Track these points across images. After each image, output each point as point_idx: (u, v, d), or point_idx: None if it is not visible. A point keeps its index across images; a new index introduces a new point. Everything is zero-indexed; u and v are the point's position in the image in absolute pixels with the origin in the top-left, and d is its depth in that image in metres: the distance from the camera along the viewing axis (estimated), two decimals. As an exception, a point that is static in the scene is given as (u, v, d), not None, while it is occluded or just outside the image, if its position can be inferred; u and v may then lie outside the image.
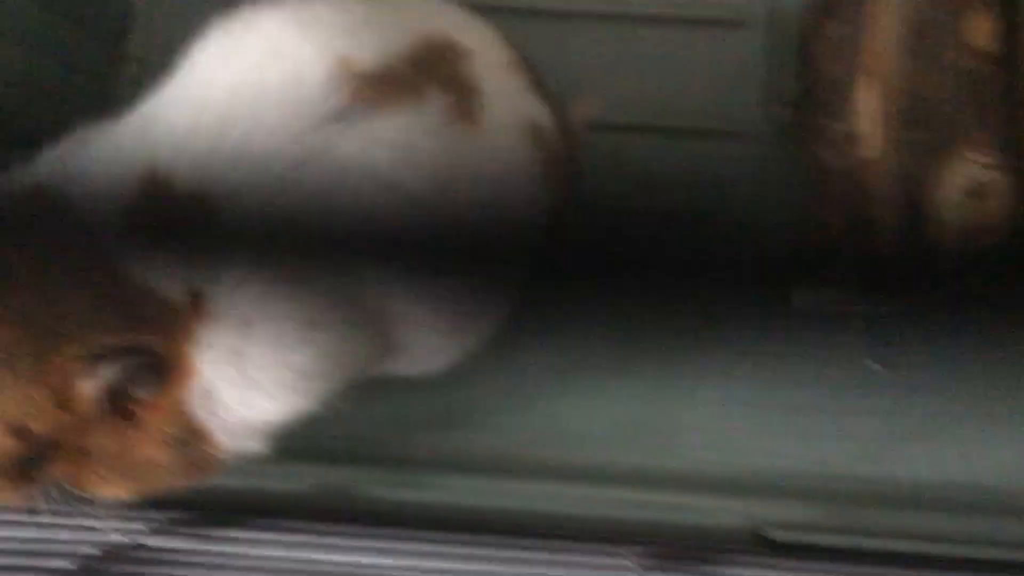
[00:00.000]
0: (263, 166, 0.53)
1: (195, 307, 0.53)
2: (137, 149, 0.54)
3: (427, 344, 0.61)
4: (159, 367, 0.53)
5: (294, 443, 0.60)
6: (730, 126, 0.82)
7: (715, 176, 0.81)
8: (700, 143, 0.82)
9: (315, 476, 0.73)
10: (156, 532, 0.61)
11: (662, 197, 0.81)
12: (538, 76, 0.65)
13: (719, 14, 0.85)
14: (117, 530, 0.59)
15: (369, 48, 0.55)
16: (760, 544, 0.72)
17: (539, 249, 0.64)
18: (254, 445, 0.57)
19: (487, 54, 0.60)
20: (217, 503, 0.66)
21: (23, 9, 0.75)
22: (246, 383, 0.54)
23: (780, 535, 0.71)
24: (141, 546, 0.59)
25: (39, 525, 0.58)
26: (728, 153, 0.82)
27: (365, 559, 0.60)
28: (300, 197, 0.53)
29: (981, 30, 0.72)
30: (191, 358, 0.53)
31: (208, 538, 0.61)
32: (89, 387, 0.51)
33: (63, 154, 0.56)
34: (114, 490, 0.57)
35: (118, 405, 0.53)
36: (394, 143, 0.54)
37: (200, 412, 0.54)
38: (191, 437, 0.55)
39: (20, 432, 0.52)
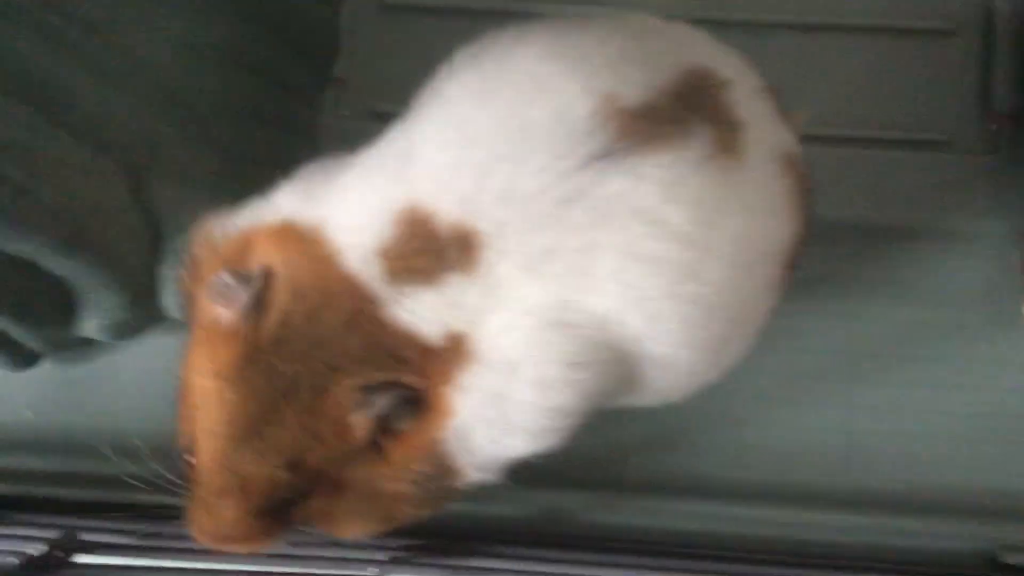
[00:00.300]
0: (529, 204, 0.53)
1: (454, 350, 0.54)
2: (393, 185, 0.55)
3: (673, 381, 0.60)
4: (417, 404, 0.55)
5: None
6: (943, 137, 0.80)
7: (928, 188, 0.79)
8: (913, 155, 0.79)
9: (535, 501, 0.75)
10: (395, 562, 0.64)
11: (874, 210, 0.79)
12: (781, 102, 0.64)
13: (932, 24, 0.83)
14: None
15: (633, 82, 0.55)
16: (995, 569, 0.70)
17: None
18: (496, 477, 0.58)
19: (743, 83, 0.59)
20: (443, 530, 0.69)
21: (250, 37, 0.79)
22: (505, 424, 0.55)
23: (1015, 559, 0.69)
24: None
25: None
26: (941, 165, 0.79)
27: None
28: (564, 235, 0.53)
29: None
30: (448, 399, 0.54)
31: (446, 568, 0.63)
32: (362, 418, 0.54)
33: (308, 188, 0.59)
34: (357, 528, 0.59)
35: (380, 437, 0.55)
36: (661, 180, 0.53)
37: (453, 450, 0.55)
38: (438, 473, 0.56)
39: (294, 465, 0.55)
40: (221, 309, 0.55)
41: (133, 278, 0.70)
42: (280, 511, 0.57)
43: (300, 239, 0.56)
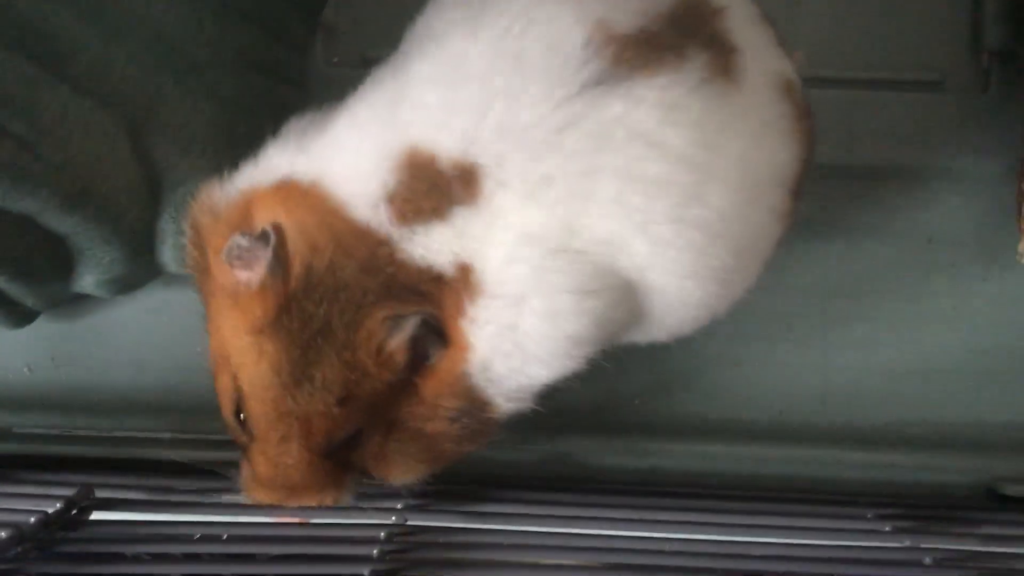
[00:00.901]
0: (527, 134, 0.53)
1: (464, 281, 0.55)
2: (388, 131, 0.56)
3: (681, 314, 0.60)
4: (442, 335, 0.56)
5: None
6: (934, 76, 0.80)
7: (920, 128, 0.79)
8: (904, 94, 0.80)
9: (542, 446, 0.76)
10: (411, 509, 0.64)
11: (865, 150, 0.80)
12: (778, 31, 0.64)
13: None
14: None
15: (626, 9, 0.55)
16: (993, 500, 0.72)
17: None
18: (527, 406, 0.58)
19: (739, 9, 0.59)
20: (455, 477, 0.69)
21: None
22: (522, 355, 0.55)
23: (1014, 490, 0.71)
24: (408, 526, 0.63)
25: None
26: (933, 104, 0.80)
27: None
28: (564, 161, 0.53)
29: None
30: (465, 333, 0.55)
31: (460, 513, 0.64)
32: (398, 341, 0.55)
33: (299, 143, 0.59)
34: (409, 470, 0.60)
35: (413, 375, 0.56)
36: (659, 102, 0.53)
37: (479, 382, 0.56)
38: (471, 407, 0.57)
39: (346, 400, 0.56)
40: (241, 271, 0.56)
41: (132, 233, 0.69)
42: (339, 456, 0.58)
43: (302, 196, 0.56)
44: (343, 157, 0.56)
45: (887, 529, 0.63)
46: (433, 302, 0.55)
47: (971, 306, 0.78)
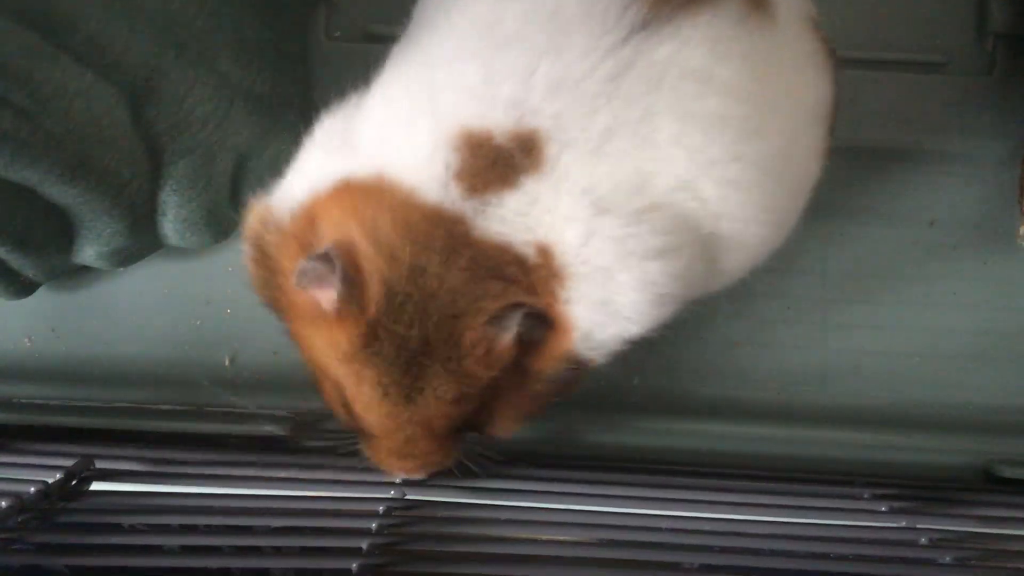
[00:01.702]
0: (580, 88, 0.53)
1: (547, 266, 0.54)
2: (435, 119, 0.55)
3: (742, 258, 0.61)
4: (543, 319, 0.55)
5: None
6: (939, 58, 0.80)
7: (924, 110, 0.79)
8: (909, 76, 0.80)
9: (543, 423, 0.76)
10: (411, 483, 0.64)
11: (869, 131, 0.79)
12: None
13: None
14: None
15: None
16: (990, 481, 0.73)
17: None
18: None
19: None
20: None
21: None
22: (618, 321, 0.55)
23: (1012, 472, 0.71)
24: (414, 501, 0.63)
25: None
26: (937, 86, 0.79)
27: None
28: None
29: None
30: (564, 316, 0.55)
31: (460, 488, 0.64)
32: (504, 342, 0.55)
33: (344, 141, 0.58)
34: (512, 426, 0.61)
35: (522, 352, 0.56)
36: (705, 38, 0.54)
37: (580, 351, 0.56)
38: (572, 368, 0.57)
39: (460, 400, 0.56)
40: (317, 292, 0.55)
41: (132, 205, 0.69)
42: (458, 428, 0.60)
43: (367, 194, 0.55)
44: (399, 149, 0.55)
45: (884, 509, 0.64)
46: (523, 287, 0.54)
47: (971, 289, 0.78)
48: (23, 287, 0.75)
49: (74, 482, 0.62)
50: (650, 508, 0.62)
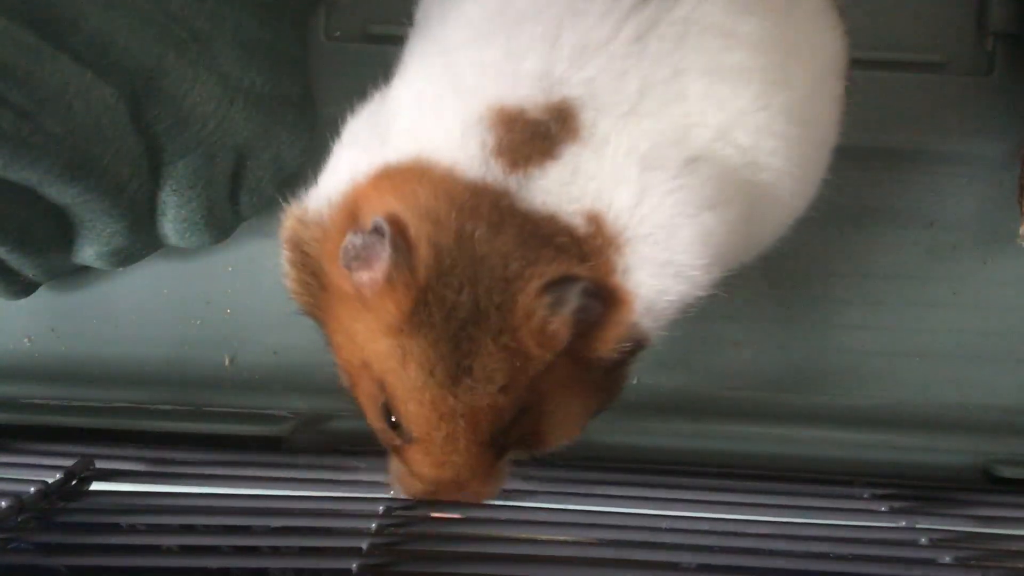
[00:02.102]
0: (606, 51, 0.52)
1: (600, 234, 0.53)
2: (462, 101, 0.54)
3: (777, 217, 0.60)
4: (600, 296, 0.53)
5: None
6: (939, 58, 0.80)
7: (923, 110, 0.79)
8: (908, 76, 0.80)
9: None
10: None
11: (869, 131, 0.79)
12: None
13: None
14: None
15: None
16: (990, 481, 0.73)
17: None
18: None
19: None
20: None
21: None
22: (680, 283, 0.54)
23: (1011, 472, 0.71)
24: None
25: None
26: (937, 86, 0.79)
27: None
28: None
29: None
30: (623, 286, 0.53)
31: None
32: (562, 318, 0.52)
33: (376, 134, 0.57)
34: (565, 435, 0.57)
35: (577, 336, 0.53)
36: None
37: (643, 325, 0.54)
38: (631, 349, 0.55)
39: (509, 388, 0.53)
40: (363, 272, 0.53)
41: (132, 205, 0.69)
42: (499, 440, 0.55)
43: (406, 175, 0.54)
44: (431, 133, 0.55)
45: (883, 509, 0.64)
46: (576, 255, 0.53)
47: (971, 289, 0.79)
48: (23, 287, 0.75)
49: (74, 482, 0.62)
50: (650, 508, 0.62)
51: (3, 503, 0.56)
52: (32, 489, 0.59)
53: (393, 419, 0.55)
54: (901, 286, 0.79)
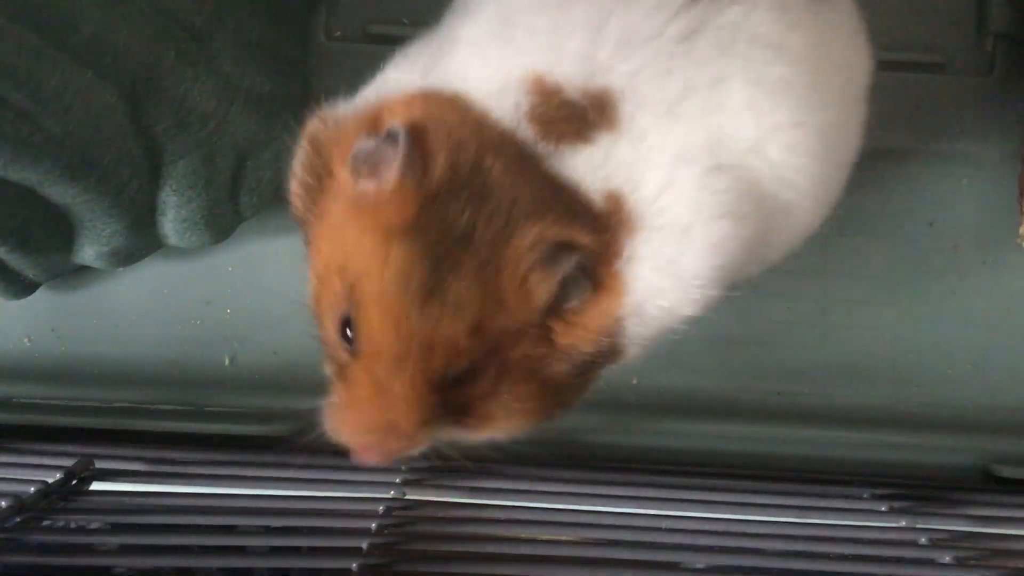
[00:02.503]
0: (652, 46, 0.52)
1: (617, 215, 0.52)
2: (507, 53, 0.54)
3: (791, 232, 0.60)
4: (591, 279, 0.53)
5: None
6: (938, 59, 0.80)
7: (923, 110, 0.79)
8: (908, 76, 0.80)
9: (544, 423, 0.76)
10: (410, 484, 0.64)
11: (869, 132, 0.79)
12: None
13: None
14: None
15: None
16: (989, 481, 0.73)
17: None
18: (646, 353, 0.56)
19: None
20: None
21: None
22: (677, 291, 0.53)
23: (1010, 471, 0.71)
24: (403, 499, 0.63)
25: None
26: (936, 86, 0.79)
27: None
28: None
29: None
30: (623, 276, 0.53)
31: (460, 488, 0.64)
32: (547, 277, 0.51)
33: (427, 62, 0.56)
34: (510, 422, 0.55)
35: (550, 319, 0.53)
36: (772, 5, 0.54)
37: (626, 328, 0.53)
38: (604, 354, 0.54)
39: (475, 331, 0.51)
40: (368, 181, 0.52)
41: (132, 205, 0.69)
42: (447, 394, 0.53)
43: (441, 101, 0.54)
44: (476, 76, 0.54)
45: (883, 509, 0.64)
46: (588, 227, 0.52)
47: (971, 289, 0.78)
48: (23, 287, 0.75)
49: (74, 482, 0.62)
50: (650, 508, 0.62)
51: (3, 503, 0.56)
52: (32, 489, 0.59)
53: (348, 332, 0.53)
54: (901, 286, 0.78)
